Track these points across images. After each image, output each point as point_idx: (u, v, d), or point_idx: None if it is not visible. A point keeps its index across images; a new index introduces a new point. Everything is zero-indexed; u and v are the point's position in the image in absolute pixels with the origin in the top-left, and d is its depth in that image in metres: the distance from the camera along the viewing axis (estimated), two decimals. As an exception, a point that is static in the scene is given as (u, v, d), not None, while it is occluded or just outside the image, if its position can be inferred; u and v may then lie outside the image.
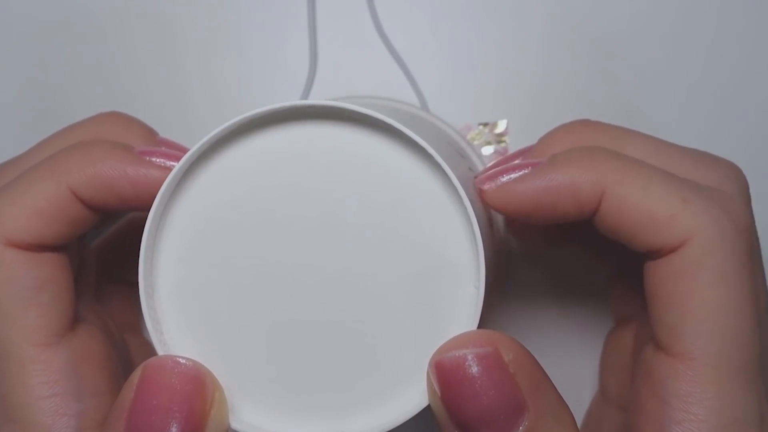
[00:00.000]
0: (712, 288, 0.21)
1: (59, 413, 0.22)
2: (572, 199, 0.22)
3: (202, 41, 0.32)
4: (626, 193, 0.21)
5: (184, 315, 0.21)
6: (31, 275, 0.22)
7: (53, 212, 0.23)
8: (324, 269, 0.21)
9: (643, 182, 0.21)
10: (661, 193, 0.21)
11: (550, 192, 0.22)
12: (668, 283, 0.21)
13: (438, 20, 0.32)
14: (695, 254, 0.21)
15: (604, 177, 0.22)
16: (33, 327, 0.22)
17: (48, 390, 0.22)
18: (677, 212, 0.21)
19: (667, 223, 0.21)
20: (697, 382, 0.21)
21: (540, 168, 0.22)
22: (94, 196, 0.23)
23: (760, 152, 0.32)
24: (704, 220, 0.21)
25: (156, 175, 0.23)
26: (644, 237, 0.22)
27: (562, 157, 0.23)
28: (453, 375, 0.19)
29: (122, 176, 0.23)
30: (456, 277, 0.21)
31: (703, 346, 0.21)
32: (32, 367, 0.22)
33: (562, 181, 0.22)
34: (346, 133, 0.21)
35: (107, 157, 0.23)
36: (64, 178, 0.23)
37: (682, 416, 0.21)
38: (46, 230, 0.23)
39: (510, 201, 0.23)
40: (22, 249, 0.22)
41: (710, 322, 0.21)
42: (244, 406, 0.21)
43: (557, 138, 0.24)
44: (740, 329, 0.21)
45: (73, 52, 0.33)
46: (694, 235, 0.21)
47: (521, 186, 0.22)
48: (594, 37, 0.32)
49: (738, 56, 0.32)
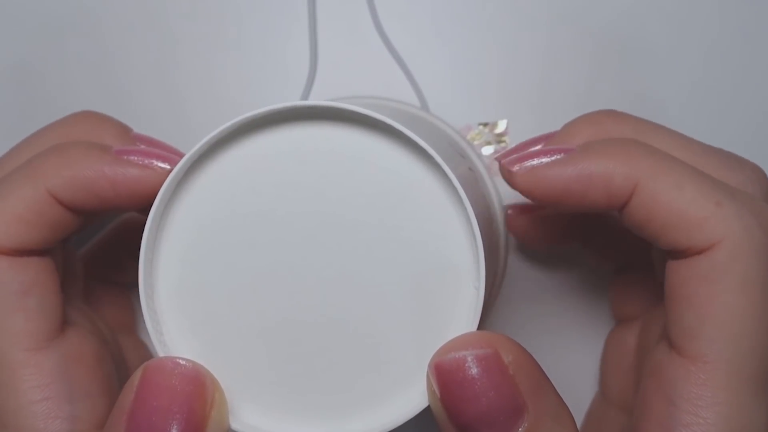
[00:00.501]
0: (736, 294, 0.21)
1: (52, 416, 0.22)
2: (604, 190, 0.22)
3: (202, 41, 0.32)
4: (659, 190, 0.21)
5: (184, 316, 0.21)
6: (15, 280, 0.22)
7: (33, 217, 0.23)
8: (324, 270, 0.21)
9: (677, 180, 0.21)
10: (694, 194, 0.21)
11: (582, 180, 0.22)
12: (691, 284, 0.21)
13: (438, 20, 0.32)
14: (723, 259, 0.21)
15: (637, 171, 0.21)
16: (21, 332, 0.22)
17: (39, 394, 0.22)
18: (710, 215, 0.21)
19: (699, 225, 0.21)
20: (708, 385, 0.21)
21: (573, 155, 0.22)
22: (74, 198, 0.23)
23: (760, 152, 0.32)
24: (735, 226, 0.21)
25: (135, 173, 0.23)
26: (673, 236, 0.21)
27: (596, 146, 0.22)
28: (453, 376, 0.19)
29: (101, 176, 0.23)
30: (456, 278, 0.21)
31: (718, 351, 0.21)
32: (23, 371, 0.22)
33: (596, 171, 0.22)
34: (346, 133, 0.21)
35: (84, 158, 0.23)
36: (42, 181, 0.22)
37: (690, 419, 0.21)
38: (27, 235, 0.23)
39: (539, 185, 0.22)
40: (6, 255, 0.22)
41: (729, 327, 0.21)
42: (244, 406, 0.21)
43: (582, 126, 0.24)
44: (758, 337, 0.21)
45: (73, 52, 0.33)
46: (724, 240, 0.21)
47: (552, 171, 0.22)
48: (594, 37, 0.32)
49: (742, 53, 0.32)
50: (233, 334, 0.21)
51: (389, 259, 0.21)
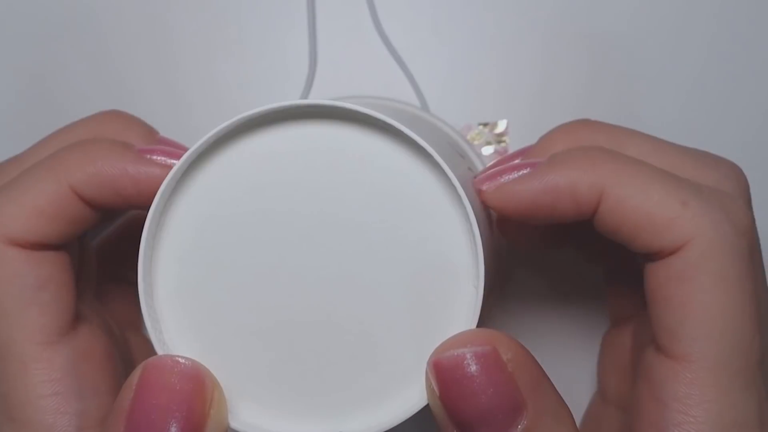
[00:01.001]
0: (712, 291, 0.21)
1: (60, 412, 0.22)
2: (571, 201, 0.22)
3: (202, 41, 0.32)
4: (625, 195, 0.21)
5: (184, 314, 0.21)
6: (32, 274, 0.22)
7: (54, 211, 0.23)
8: (323, 269, 0.21)
9: (642, 183, 0.21)
10: (660, 195, 0.21)
11: (548, 193, 0.22)
12: (668, 286, 0.21)
13: (438, 20, 0.32)
14: (695, 257, 0.21)
15: (602, 178, 0.22)
16: (34, 326, 0.22)
17: (49, 388, 0.22)
18: (677, 215, 0.21)
19: (667, 226, 0.21)
20: (696, 384, 0.21)
21: (538, 169, 0.22)
22: (95, 195, 0.23)
23: (760, 152, 0.32)
24: (704, 223, 0.21)
25: (157, 172, 0.23)
26: (644, 239, 0.21)
27: (560, 157, 0.23)
28: (452, 374, 0.19)
29: (123, 174, 0.23)
30: (455, 277, 0.21)
31: (702, 349, 0.21)
32: (33, 365, 0.22)
33: (561, 182, 0.22)
34: (346, 132, 0.21)
35: (108, 156, 0.23)
36: (64, 176, 0.23)
37: (681, 418, 0.21)
38: (47, 229, 0.23)
39: (508, 201, 0.23)
40: (23, 248, 0.22)
41: (709, 325, 0.21)
42: (244, 405, 0.21)
43: (557, 138, 0.24)
44: (740, 332, 0.21)
45: (73, 52, 0.33)
46: (694, 238, 0.21)
47: (520, 187, 0.22)
48: (594, 37, 0.32)
49: (738, 56, 0.32)
50: (232, 333, 0.21)
51: (388, 258, 0.21)
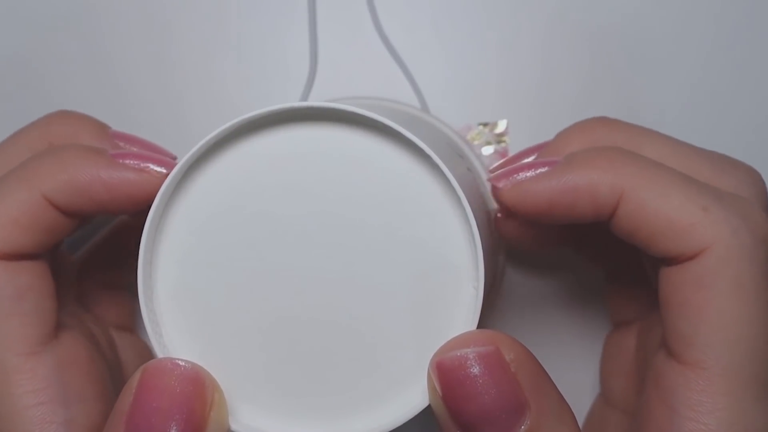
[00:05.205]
0: (728, 298, 0.21)
1: (47, 421, 0.22)
2: (590, 202, 0.22)
3: (201, 41, 0.32)
4: (645, 198, 0.21)
5: (183, 317, 0.21)
6: (10, 285, 0.22)
7: (28, 221, 0.22)
8: (323, 270, 0.21)
9: (663, 187, 0.21)
10: (681, 200, 0.21)
11: (567, 193, 0.22)
12: (683, 291, 0.21)
13: (438, 20, 0.32)
14: (713, 264, 0.21)
15: (622, 180, 0.21)
16: (16, 336, 0.22)
17: (34, 399, 0.22)
18: (697, 221, 0.21)
19: (687, 231, 0.21)
20: (708, 392, 0.20)
21: (557, 168, 0.22)
22: (69, 202, 0.23)
23: (760, 151, 0.32)
24: (724, 230, 0.21)
25: (130, 177, 0.22)
26: (662, 243, 0.21)
27: (579, 157, 0.22)
28: (454, 374, 0.19)
29: (96, 180, 0.22)
30: (455, 278, 0.21)
31: (715, 357, 0.20)
32: (17, 376, 0.22)
33: (580, 183, 0.22)
34: (345, 134, 0.21)
35: (80, 162, 0.23)
36: (37, 185, 0.22)
37: (692, 426, 0.20)
38: (22, 239, 0.22)
39: (525, 200, 0.22)
40: (0, 259, 0.22)
41: (724, 332, 0.20)
42: (244, 407, 0.21)
43: (574, 136, 0.24)
44: (754, 341, 0.21)
45: (72, 52, 0.33)
46: (713, 245, 0.21)
47: (537, 185, 0.22)
48: (594, 36, 0.32)
49: (741, 53, 0.32)
50: (233, 335, 0.21)
51: (388, 260, 0.21)
